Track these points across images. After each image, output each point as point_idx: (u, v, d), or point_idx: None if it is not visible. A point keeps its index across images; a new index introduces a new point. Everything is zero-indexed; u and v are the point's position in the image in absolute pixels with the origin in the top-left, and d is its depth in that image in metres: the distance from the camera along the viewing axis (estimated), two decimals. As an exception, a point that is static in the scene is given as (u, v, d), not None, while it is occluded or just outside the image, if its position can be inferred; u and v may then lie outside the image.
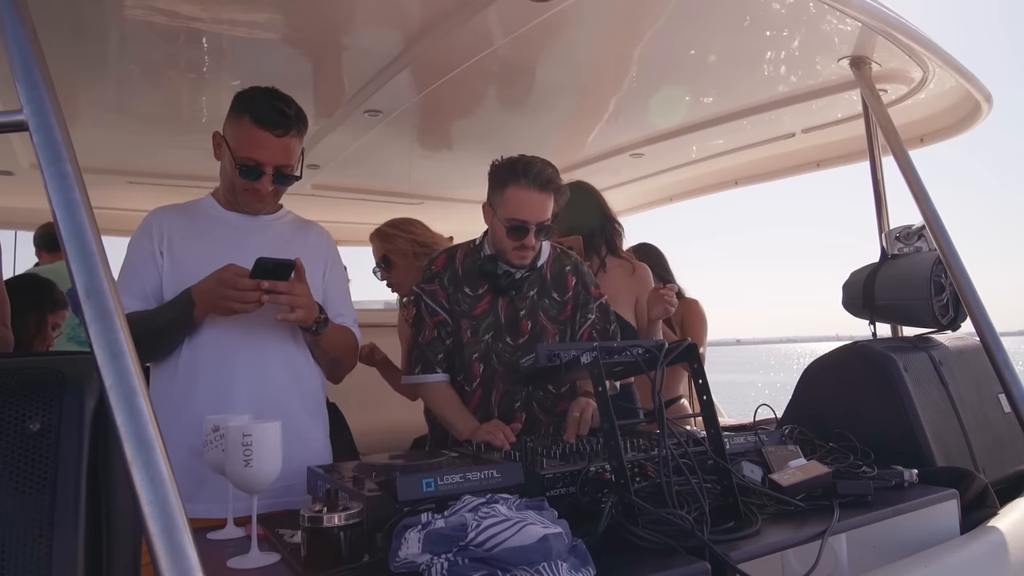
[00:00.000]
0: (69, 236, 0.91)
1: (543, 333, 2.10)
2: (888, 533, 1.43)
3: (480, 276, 2.07)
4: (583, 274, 2.21)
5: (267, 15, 1.86)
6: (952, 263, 1.92)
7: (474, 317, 2.06)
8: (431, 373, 2.06)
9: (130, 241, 1.82)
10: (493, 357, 2.06)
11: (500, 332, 2.07)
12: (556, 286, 2.14)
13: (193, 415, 1.57)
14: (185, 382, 1.71)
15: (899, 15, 1.97)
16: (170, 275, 1.75)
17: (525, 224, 1.95)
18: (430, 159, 2.14)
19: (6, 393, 0.91)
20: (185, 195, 3.58)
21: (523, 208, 1.95)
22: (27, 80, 0.98)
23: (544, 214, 1.97)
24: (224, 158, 1.81)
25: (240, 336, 1.73)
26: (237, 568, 1.19)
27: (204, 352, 1.72)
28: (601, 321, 2.18)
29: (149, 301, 1.72)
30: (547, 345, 1.72)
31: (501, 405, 2.06)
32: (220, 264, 1.64)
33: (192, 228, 1.83)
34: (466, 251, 2.13)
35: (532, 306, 2.09)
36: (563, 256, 2.21)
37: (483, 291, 2.08)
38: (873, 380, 1.85)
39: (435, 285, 2.08)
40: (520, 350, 2.05)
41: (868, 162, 2.49)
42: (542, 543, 1.01)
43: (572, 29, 1.98)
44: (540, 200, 1.95)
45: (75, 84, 2.22)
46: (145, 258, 1.77)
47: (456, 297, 2.07)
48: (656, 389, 1.32)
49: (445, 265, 2.10)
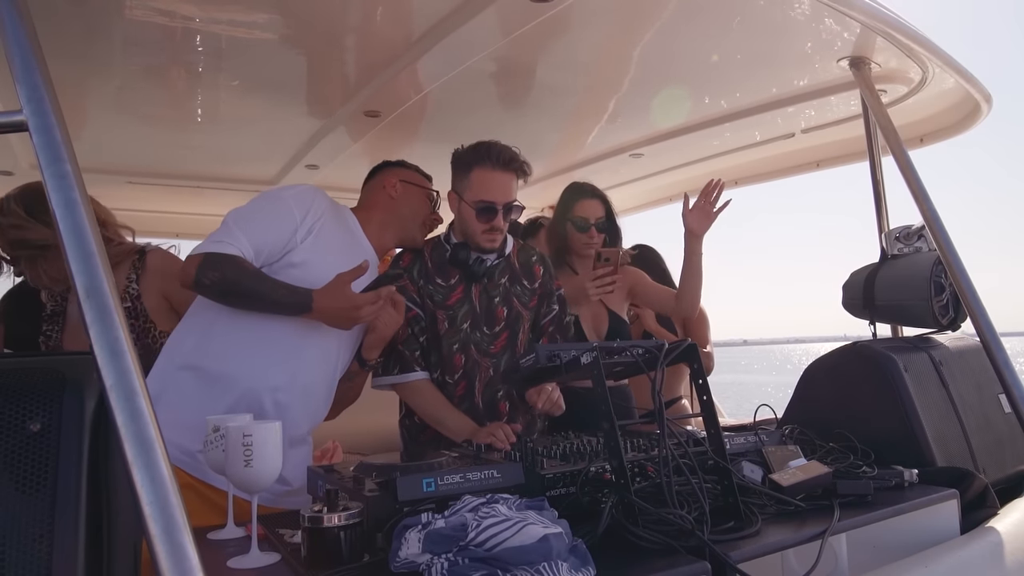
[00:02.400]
0: (69, 236, 0.91)
1: (519, 319, 2.11)
2: (888, 533, 1.43)
3: (452, 264, 2.07)
4: (549, 265, 2.24)
5: (267, 15, 1.86)
6: (952, 263, 1.92)
7: (449, 307, 2.05)
8: (410, 372, 2.03)
9: (273, 194, 1.84)
10: (472, 347, 2.05)
11: (477, 321, 2.06)
12: (525, 274, 2.16)
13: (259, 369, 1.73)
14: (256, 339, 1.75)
15: (899, 15, 1.97)
16: (297, 260, 1.77)
17: (493, 205, 1.97)
18: (429, 159, 2.15)
19: (6, 393, 0.91)
20: (185, 195, 3.55)
21: (491, 189, 1.97)
22: (27, 80, 0.99)
23: (510, 194, 2.00)
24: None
25: (312, 326, 1.78)
26: (237, 568, 1.19)
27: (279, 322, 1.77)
28: (561, 313, 2.21)
29: (249, 253, 1.71)
30: (546, 345, 1.72)
31: (485, 395, 2.05)
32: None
33: (341, 237, 1.90)
34: (432, 244, 2.13)
35: (505, 292, 2.10)
36: (527, 248, 2.25)
37: (455, 280, 2.07)
38: (873, 380, 1.85)
39: (404, 280, 2.06)
40: (497, 338, 2.07)
41: (868, 162, 2.49)
42: (542, 543, 1.01)
43: (572, 29, 1.98)
44: (506, 180, 1.98)
45: (75, 84, 2.21)
46: (283, 221, 1.78)
47: (428, 290, 2.06)
48: (656, 389, 1.32)
49: (413, 259, 2.10)
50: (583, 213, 2.51)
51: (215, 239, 1.69)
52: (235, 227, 1.72)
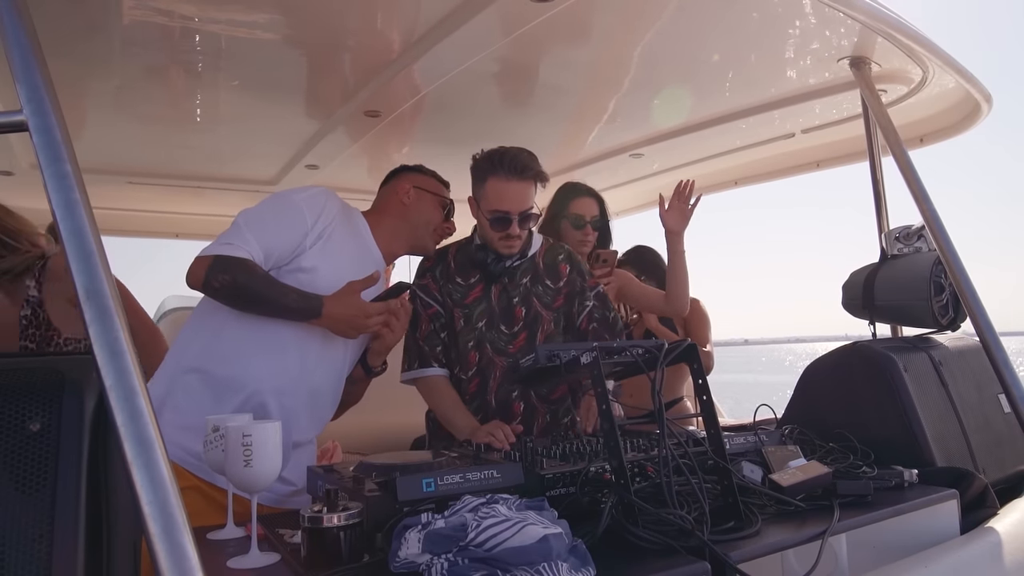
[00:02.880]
0: (69, 236, 0.91)
1: (538, 319, 2.10)
2: (888, 533, 1.43)
3: (471, 264, 2.08)
4: (577, 263, 2.21)
5: (267, 15, 1.86)
6: (952, 263, 1.92)
7: (466, 305, 2.07)
8: (428, 367, 2.05)
9: (285, 196, 1.81)
10: (487, 345, 2.06)
11: (494, 319, 2.07)
12: (549, 274, 2.15)
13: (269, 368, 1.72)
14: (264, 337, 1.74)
15: (899, 15, 1.97)
16: (307, 264, 1.76)
17: (507, 215, 1.96)
18: (430, 160, 2.15)
19: (6, 393, 0.91)
20: (185, 195, 3.55)
21: (504, 199, 1.96)
22: (27, 80, 0.98)
23: (525, 203, 1.97)
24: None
25: (320, 330, 1.77)
26: (237, 568, 1.18)
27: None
28: (600, 309, 2.17)
29: (259, 256, 1.70)
30: (546, 345, 1.72)
31: (498, 393, 2.05)
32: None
33: (351, 242, 1.88)
34: (459, 246, 2.15)
35: (526, 293, 2.10)
36: (556, 246, 2.22)
37: (475, 280, 2.09)
38: (873, 380, 1.85)
39: (427, 279, 2.10)
40: (516, 338, 2.07)
41: (868, 162, 2.49)
42: (542, 543, 1.01)
43: (572, 29, 1.98)
44: (520, 189, 1.95)
45: (75, 84, 2.21)
46: (294, 225, 1.75)
47: (447, 288, 2.08)
48: (656, 389, 1.32)
49: (437, 260, 2.12)
50: (579, 211, 2.53)
51: (225, 241, 1.66)
52: (246, 229, 1.69)
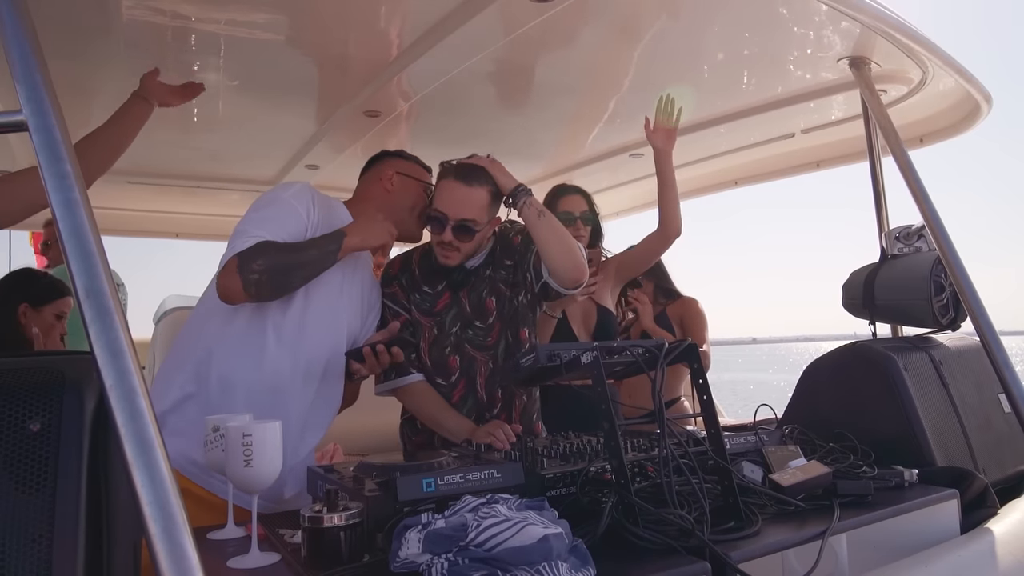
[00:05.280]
0: (69, 236, 0.91)
1: (510, 303, 2.05)
2: (888, 533, 1.43)
3: (435, 272, 2.03)
4: (527, 234, 2.05)
5: (267, 16, 1.86)
6: (952, 263, 1.92)
7: (436, 313, 2.03)
8: (406, 375, 2.00)
9: (273, 196, 1.80)
10: (466, 346, 2.02)
11: (468, 320, 2.03)
12: (505, 253, 2.07)
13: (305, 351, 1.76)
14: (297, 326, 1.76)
15: (899, 15, 1.97)
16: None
17: (442, 217, 1.88)
18: (429, 160, 2.15)
19: (6, 393, 0.91)
20: (185, 195, 3.55)
21: (443, 199, 1.89)
22: (27, 80, 0.98)
23: (464, 210, 1.87)
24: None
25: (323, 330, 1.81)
26: (237, 568, 1.19)
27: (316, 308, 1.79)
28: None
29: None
30: (547, 345, 1.72)
31: (488, 388, 2.02)
32: (334, 288, 1.82)
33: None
34: (422, 252, 2.10)
35: (491, 283, 2.05)
36: (507, 225, 2.11)
37: (442, 287, 2.04)
38: (873, 380, 1.85)
39: (394, 287, 2.05)
40: (492, 329, 2.03)
41: (868, 162, 2.49)
42: (542, 543, 1.01)
43: (572, 29, 1.98)
44: (462, 193, 1.87)
45: (75, 84, 2.21)
46: (293, 219, 1.74)
47: (415, 299, 2.04)
48: (656, 389, 1.32)
49: (402, 267, 2.08)
50: (567, 208, 2.57)
51: (237, 241, 1.64)
52: (252, 228, 1.67)
